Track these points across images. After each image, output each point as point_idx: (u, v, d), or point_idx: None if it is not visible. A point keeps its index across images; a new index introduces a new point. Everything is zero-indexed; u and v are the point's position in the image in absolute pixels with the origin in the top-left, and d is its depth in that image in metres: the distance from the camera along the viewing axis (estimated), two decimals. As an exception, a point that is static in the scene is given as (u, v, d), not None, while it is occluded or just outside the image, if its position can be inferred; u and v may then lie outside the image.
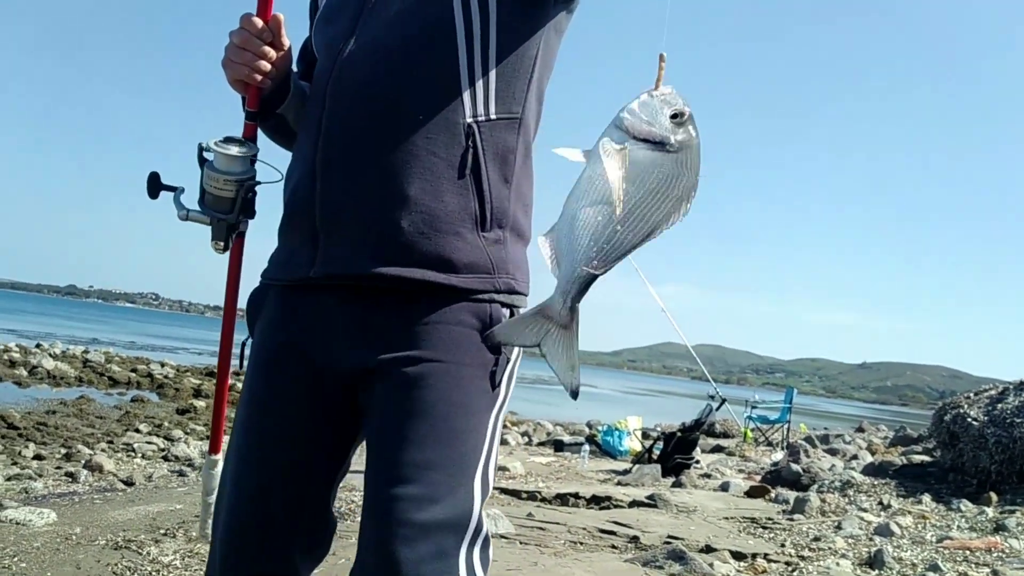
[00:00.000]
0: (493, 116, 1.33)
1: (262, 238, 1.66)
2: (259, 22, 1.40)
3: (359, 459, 1.34)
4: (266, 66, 1.41)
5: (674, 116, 1.15)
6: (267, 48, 1.41)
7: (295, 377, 1.36)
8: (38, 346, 18.50)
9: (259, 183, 1.46)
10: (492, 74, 1.33)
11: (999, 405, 6.98)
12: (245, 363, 1.46)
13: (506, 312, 1.34)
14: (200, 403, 12.10)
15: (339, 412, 1.36)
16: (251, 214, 1.48)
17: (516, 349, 1.35)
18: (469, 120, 1.31)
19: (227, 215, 1.44)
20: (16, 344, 18.00)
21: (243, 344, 1.49)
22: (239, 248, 1.53)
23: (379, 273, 1.29)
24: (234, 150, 1.41)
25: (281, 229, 1.43)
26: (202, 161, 1.43)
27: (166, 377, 15.13)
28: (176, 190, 1.47)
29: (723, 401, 11.49)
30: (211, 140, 1.42)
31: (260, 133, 1.50)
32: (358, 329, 1.32)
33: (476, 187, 1.32)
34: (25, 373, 13.76)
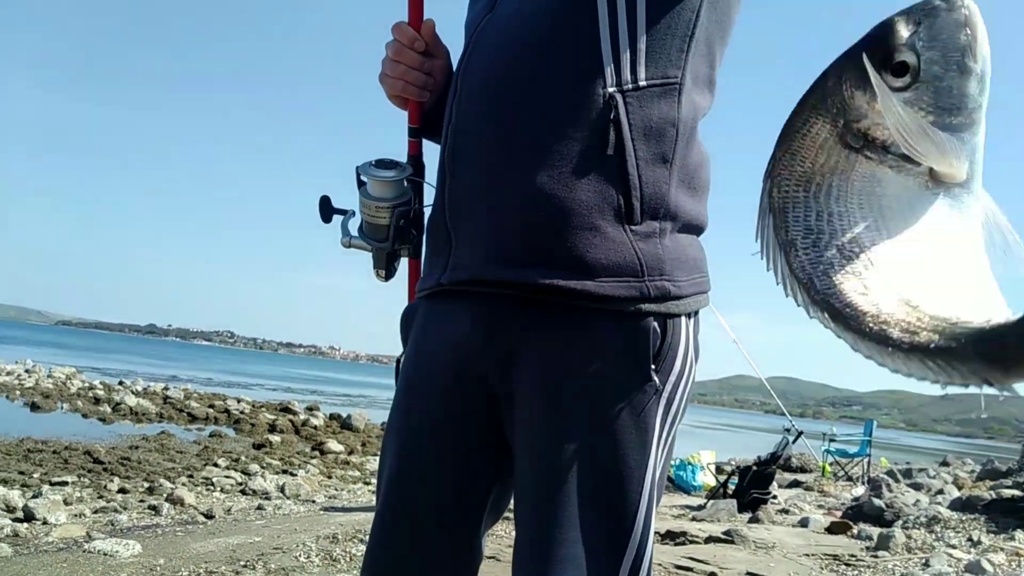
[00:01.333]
0: (643, 83, 1.10)
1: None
2: (410, 31, 1.31)
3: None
4: (422, 77, 1.33)
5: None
6: (421, 57, 1.32)
7: (431, 396, 1.21)
8: (121, 383, 19.15)
9: (419, 209, 1.37)
10: (640, 32, 1.11)
11: (1095, 436, 6.65)
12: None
13: (656, 325, 1.10)
14: (275, 438, 12.32)
15: (481, 434, 1.19)
16: (408, 240, 1.38)
17: (675, 378, 1.13)
18: (612, 90, 1.09)
19: (383, 243, 1.37)
20: (100, 382, 18.68)
21: (397, 361, 1.33)
22: (415, 277, 1.42)
23: (502, 279, 1.11)
24: (385, 173, 1.33)
25: (426, 235, 1.31)
26: (360, 183, 1.36)
27: (242, 413, 15.45)
28: (347, 213, 1.41)
29: (799, 434, 11.19)
30: (365, 162, 1.35)
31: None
32: (487, 346, 1.14)
33: (620, 171, 1.09)
34: (109, 410, 14.22)
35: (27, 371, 19.29)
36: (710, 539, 5.93)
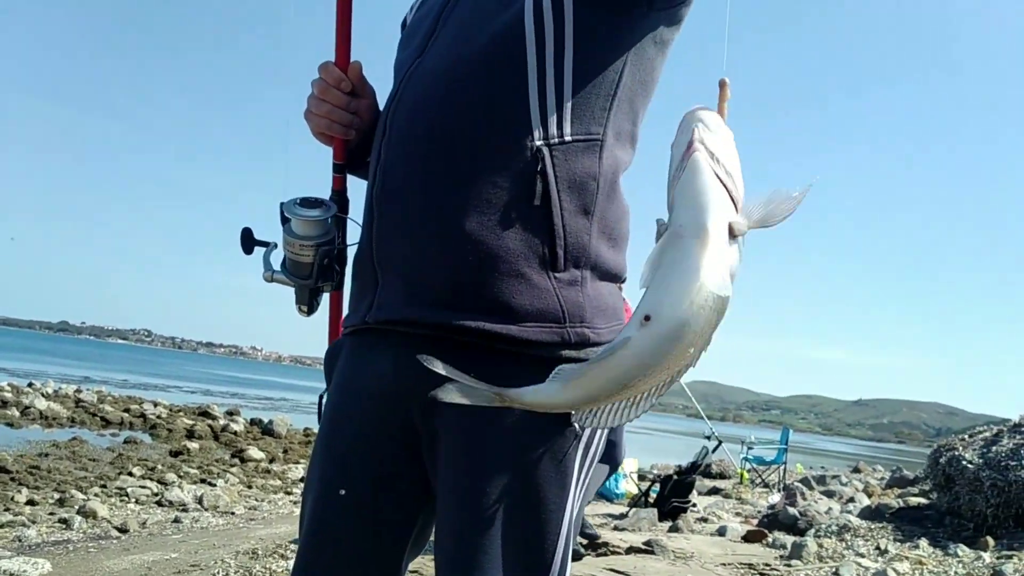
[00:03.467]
0: (568, 138, 1.14)
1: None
2: (336, 71, 1.34)
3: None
4: (348, 116, 1.35)
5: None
6: (347, 97, 1.35)
7: (354, 432, 1.23)
8: (30, 385, 18.38)
9: (341, 246, 1.38)
10: (567, 90, 1.15)
11: (994, 447, 6.98)
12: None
13: None
14: (193, 444, 12.00)
15: (404, 470, 1.21)
16: (331, 278, 1.39)
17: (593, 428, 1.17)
18: (539, 143, 1.13)
19: (306, 280, 1.37)
20: (8, 384, 17.88)
21: (320, 397, 1.36)
22: (336, 309, 1.45)
23: (428, 320, 1.14)
24: (310, 213, 1.33)
25: (351, 271, 1.32)
26: (284, 220, 1.36)
27: (159, 417, 15.02)
28: (269, 246, 1.41)
29: (719, 443, 11.46)
30: (290, 200, 1.35)
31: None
32: (411, 385, 1.15)
33: (546, 220, 1.13)
34: (18, 413, 13.64)
35: (-72, 372, 18.40)
36: (631, 549, 6.03)
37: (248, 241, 1.40)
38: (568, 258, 1.14)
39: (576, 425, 1.13)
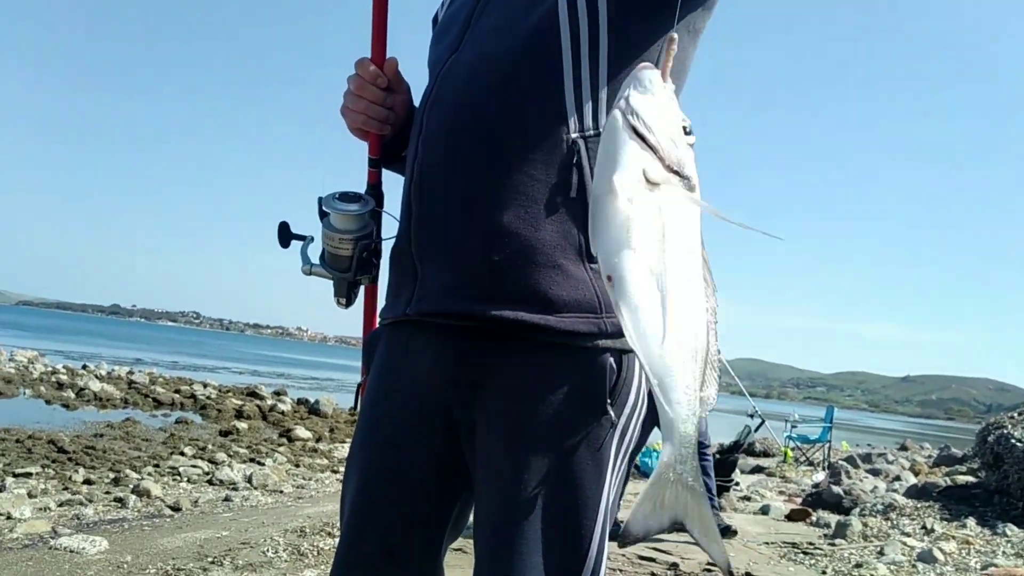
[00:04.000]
0: (603, 129, 1.13)
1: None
2: (373, 67, 1.36)
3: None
4: (383, 112, 1.38)
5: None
6: (383, 93, 1.37)
7: (393, 421, 1.26)
8: (84, 367, 18.91)
9: (378, 240, 1.41)
10: (602, 82, 1.17)
11: (1045, 426, 6.86)
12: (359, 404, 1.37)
13: (612, 361, 1.15)
14: (242, 424, 12.27)
15: (443, 458, 1.24)
16: (369, 271, 1.42)
17: (630, 411, 1.17)
18: (575, 135, 1.15)
19: (345, 273, 1.40)
20: (63, 366, 18.42)
21: (359, 386, 1.40)
22: (372, 300, 1.48)
23: (468, 312, 1.16)
24: (349, 207, 1.36)
25: (389, 264, 1.35)
26: (323, 215, 1.39)
27: (208, 398, 15.35)
28: (306, 240, 1.44)
29: (762, 421, 11.38)
30: (328, 194, 1.38)
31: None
32: (451, 376, 1.20)
33: (582, 212, 1.12)
34: (73, 395, 14.06)
35: (-12, 355, 18.98)
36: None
37: (285, 235, 1.43)
38: None
39: (612, 414, 1.14)
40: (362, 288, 1.49)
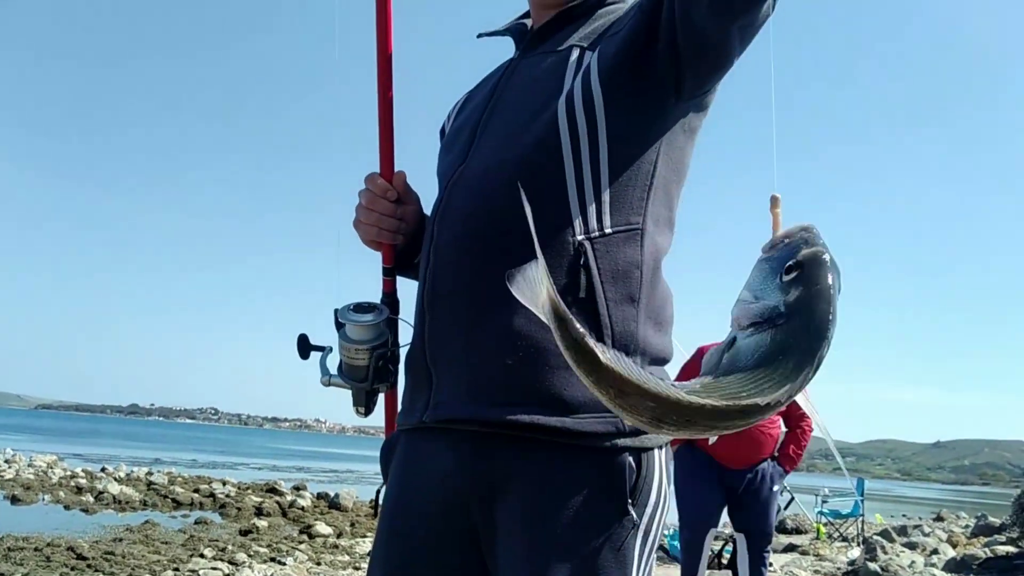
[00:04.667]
0: (608, 230, 1.19)
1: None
2: (383, 182, 1.41)
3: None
4: (395, 223, 1.42)
5: (788, 271, 0.86)
6: (394, 205, 1.41)
7: (414, 531, 1.25)
8: (103, 470, 18.79)
9: (395, 348, 1.42)
10: (604, 186, 1.20)
11: (1083, 491, 6.67)
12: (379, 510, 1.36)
13: (631, 460, 1.15)
14: (262, 523, 12.09)
15: (464, 565, 1.23)
16: (386, 379, 1.43)
17: (651, 509, 1.17)
18: (580, 238, 1.18)
19: (362, 383, 1.42)
20: (82, 469, 18.33)
21: (377, 492, 1.41)
22: (392, 405, 1.49)
23: (484, 417, 1.17)
24: (363, 318, 1.38)
25: (404, 369, 1.37)
26: (339, 326, 1.41)
27: (228, 496, 15.18)
28: (324, 350, 1.46)
29: (792, 497, 11.13)
30: (344, 306, 1.40)
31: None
32: (469, 481, 1.19)
33: (592, 311, 1.16)
34: (92, 499, 13.95)
35: (6, 461, 18.94)
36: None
37: (304, 347, 1.45)
38: (616, 346, 1.16)
39: (633, 514, 1.14)
40: (381, 394, 1.50)
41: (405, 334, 1.41)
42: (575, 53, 1.28)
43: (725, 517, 5.08)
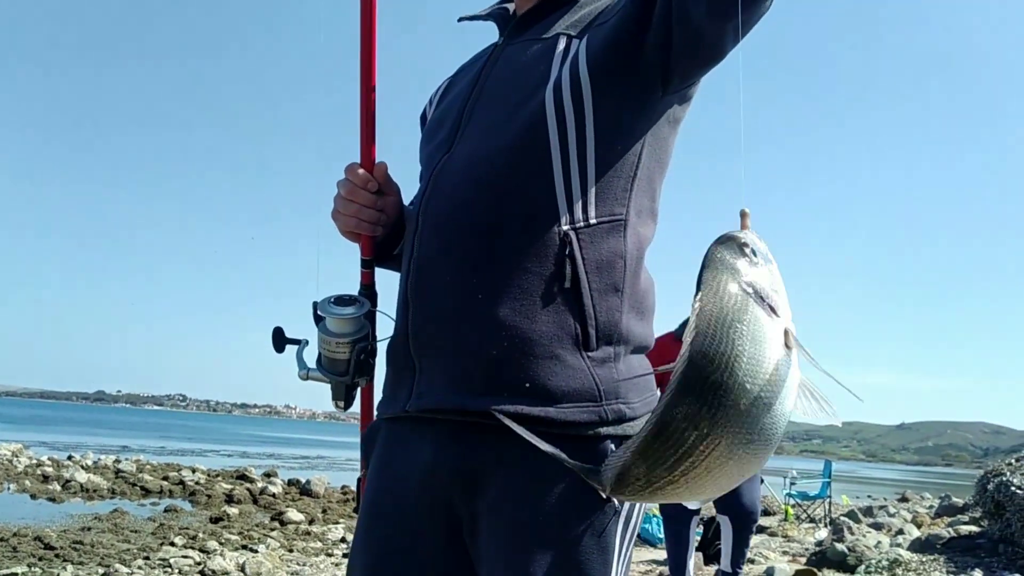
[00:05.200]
0: (593, 221, 1.19)
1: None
2: (363, 172, 1.38)
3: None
4: (374, 215, 1.39)
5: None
6: (374, 196, 1.39)
7: (395, 520, 1.25)
8: (70, 458, 18.56)
9: (374, 341, 1.40)
10: (590, 176, 1.20)
11: (1043, 471, 6.83)
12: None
13: (613, 447, 1.15)
14: (233, 510, 12.03)
15: (446, 554, 1.23)
16: (367, 373, 1.41)
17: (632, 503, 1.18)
18: (565, 228, 1.17)
19: (343, 376, 1.39)
20: (48, 457, 18.09)
21: (358, 481, 1.40)
22: (368, 399, 1.47)
23: (468, 407, 1.16)
24: (345, 311, 1.36)
25: (386, 359, 1.35)
26: (318, 319, 1.38)
27: (197, 483, 15.07)
28: (300, 343, 1.43)
29: (760, 480, 11.26)
30: (323, 298, 1.37)
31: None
32: (453, 470, 1.19)
33: (576, 302, 1.16)
34: (59, 488, 13.78)
35: (-29, 451, 18.62)
36: None
37: (280, 340, 1.42)
38: (600, 336, 1.18)
39: (614, 501, 1.14)
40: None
41: (384, 326, 1.40)
42: (562, 41, 1.27)
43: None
